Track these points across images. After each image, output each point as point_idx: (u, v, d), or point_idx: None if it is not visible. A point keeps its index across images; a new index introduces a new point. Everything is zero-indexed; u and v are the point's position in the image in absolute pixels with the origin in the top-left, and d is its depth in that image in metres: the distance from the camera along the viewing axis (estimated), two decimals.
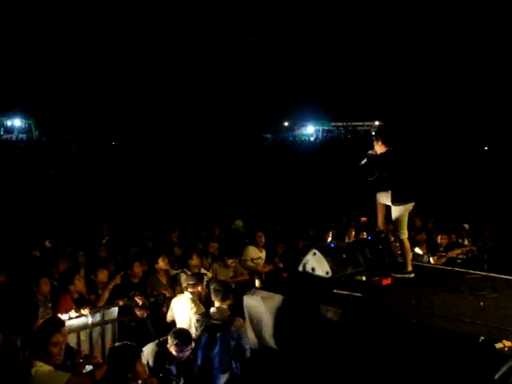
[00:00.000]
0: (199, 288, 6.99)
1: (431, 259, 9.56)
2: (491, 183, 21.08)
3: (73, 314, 6.35)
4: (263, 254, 9.70)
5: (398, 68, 34.36)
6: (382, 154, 7.13)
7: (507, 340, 4.57)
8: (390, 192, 7.16)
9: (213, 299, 6.16)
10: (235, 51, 27.13)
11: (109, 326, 6.76)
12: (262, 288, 6.94)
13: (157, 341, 5.88)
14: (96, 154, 30.06)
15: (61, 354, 4.68)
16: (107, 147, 32.17)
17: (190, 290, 6.89)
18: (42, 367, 4.46)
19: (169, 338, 5.67)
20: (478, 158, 26.89)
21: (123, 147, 31.95)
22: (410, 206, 7.26)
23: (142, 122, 33.80)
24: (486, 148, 28.72)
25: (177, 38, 31.86)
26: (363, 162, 7.29)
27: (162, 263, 7.86)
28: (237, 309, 6.69)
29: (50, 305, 6.70)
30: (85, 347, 6.27)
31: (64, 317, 6.08)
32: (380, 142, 7.16)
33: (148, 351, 5.70)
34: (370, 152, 7.25)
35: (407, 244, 7.35)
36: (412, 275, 7.19)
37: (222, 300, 6.08)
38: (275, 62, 29.94)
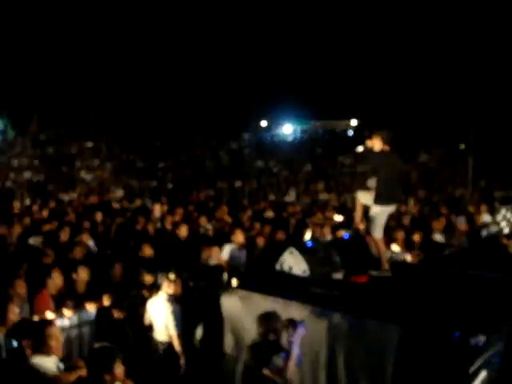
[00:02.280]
0: (174, 287, 6.96)
1: (408, 256, 9.63)
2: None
3: (52, 315, 6.30)
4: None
5: (376, 66, 34.51)
6: (380, 152, 7.15)
7: (482, 334, 4.64)
8: (373, 191, 7.19)
9: None
10: (210, 49, 27.07)
11: (86, 328, 6.71)
12: (240, 287, 6.93)
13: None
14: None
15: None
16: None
17: (165, 289, 6.87)
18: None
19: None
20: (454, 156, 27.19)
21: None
22: (392, 207, 7.32)
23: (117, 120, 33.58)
24: (463, 147, 28.99)
25: (152, 34, 31.69)
26: (359, 150, 7.31)
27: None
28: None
29: (27, 306, 6.64)
30: (62, 350, 6.21)
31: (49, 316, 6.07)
32: (380, 139, 7.17)
33: None
34: (367, 143, 7.27)
35: (382, 242, 7.41)
36: (389, 273, 7.24)
37: None
38: (251, 59, 29.92)
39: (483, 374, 3.85)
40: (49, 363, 4.59)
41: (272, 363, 4.82)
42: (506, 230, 9.16)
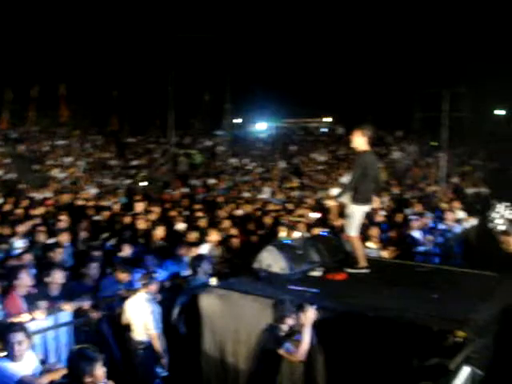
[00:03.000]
0: (152, 287, 6.90)
1: (384, 253, 9.71)
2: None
3: (26, 317, 6.19)
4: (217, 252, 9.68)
5: (348, 65, 34.73)
6: (363, 152, 7.15)
7: (460, 330, 4.69)
8: (351, 190, 7.16)
9: None
10: (184, 47, 26.92)
11: (63, 330, 6.60)
12: (219, 286, 6.91)
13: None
14: None
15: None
16: None
17: (144, 290, 6.80)
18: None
19: None
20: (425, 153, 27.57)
21: None
22: (368, 207, 7.35)
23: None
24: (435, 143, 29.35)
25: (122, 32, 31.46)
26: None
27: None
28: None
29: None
30: (39, 352, 6.11)
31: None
32: (364, 140, 7.17)
33: None
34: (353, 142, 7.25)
35: (358, 240, 7.45)
36: (366, 270, 7.28)
37: None
38: (225, 58, 29.87)
39: (466, 370, 3.89)
40: (19, 367, 4.52)
41: (287, 345, 5.17)
42: (502, 227, 9.26)
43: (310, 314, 5.29)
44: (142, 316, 6.58)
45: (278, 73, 35.78)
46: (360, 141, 7.17)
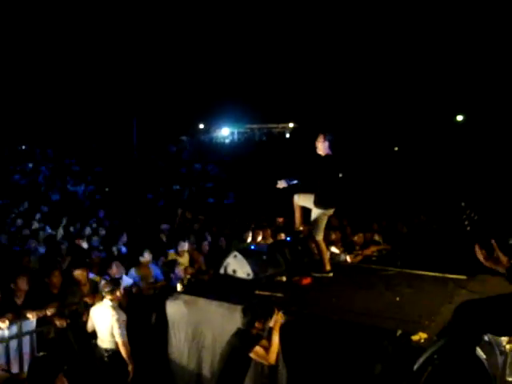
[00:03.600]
0: (117, 293, 6.84)
1: (348, 257, 9.82)
2: (401, 182, 21.87)
3: None
4: (184, 259, 9.68)
5: (312, 69, 35.00)
6: (325, 156, 7.22)
7: (423, 332, 4.79)
8: (313, 195, 7.26)
9: None
10: (149, 52, 26.78)
11: (26, 338, 6.50)
12: (184, 292, 6.89)
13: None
14: None
15: None
16: None
17: (109, 296, 6.73)
18: None
19: None
20: (389, 158, 27.85)
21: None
22: (331, 211, 7.43)
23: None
24: (396, 148, 29.78)
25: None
26: None
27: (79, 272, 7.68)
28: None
29: None
30: (1, 361, 6.01)
31: None
32: (327, 144, 7.24)
33: None
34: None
35: (323, 244, 7.53)
36: (331, 274, 7.37)
37: None
38: (189, 63, 29.81)
39: (428, 371, 3.98)
40: None
41: (257, 349, 5.24)
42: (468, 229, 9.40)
43: (278, 318, 5.36)
44: (107, 323, 6.52)
45: (243, 78, 35.89)
46: (323, 145, 7.26)
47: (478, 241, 3.72)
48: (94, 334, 6.76)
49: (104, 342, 6.59)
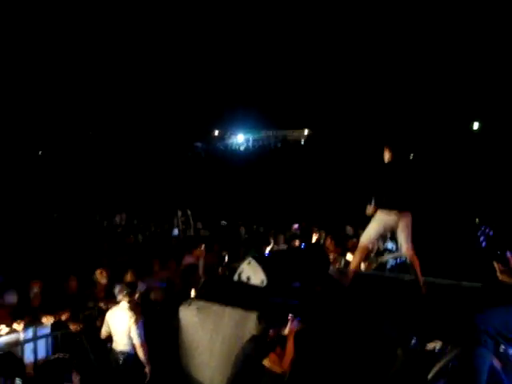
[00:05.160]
0: (135, 297, 6.92)
1: (362, 265, 9.76)
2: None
3: (4, 329, 6.14)
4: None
5: (327, 76, 34.98)
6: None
7: (438, 340, 4.76)
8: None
9: None
10: (162, 58, 26.87)
11: (42, 342, 6.55)
12: (198, 297, 6.91)
13: None
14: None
15: None
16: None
17: (126, 299, 6.79)
18: None
19: None
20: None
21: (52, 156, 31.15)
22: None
23: (70, 129, 32.81)
24: (411, 156, 29.60)
25: (106, 43, 31.25)
26: None
27: (99, 276, 7.77)
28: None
29: None
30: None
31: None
32: (389, 153, 6.94)
33: None
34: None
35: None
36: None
37: None
38: (203, 69, 29.91)
39: (442, 382, 3.96)
40: None
41: (271, 356, 5.26)
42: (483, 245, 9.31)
43: (292, 326, 5.36)
44: (124, 325, 6.57)
45: (258, 84, 35.93)
46: (386, 154, 7.06)
47: (494, 256, 3.71)
48: (108, 339, 6.80)
49: (120, 344, 6.64)
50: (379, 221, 6.79)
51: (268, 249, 10.74)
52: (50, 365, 4.51)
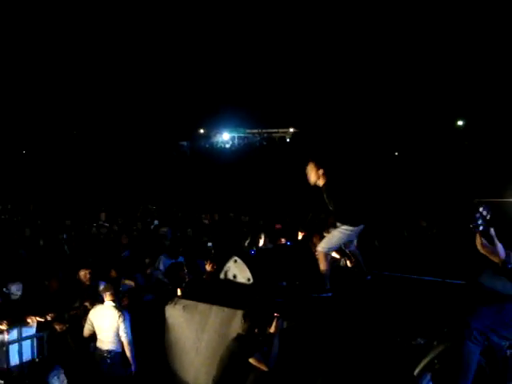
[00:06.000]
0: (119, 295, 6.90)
1: (348, 262, 9.75)
2: (401, 187, 21.83)
3: None
4: None
5: (312, 75, 35.08)
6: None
7: (423, 337, 4.77)
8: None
9: None
10: (148, 58, 26.80)
11: (27, 343, 6.49)
12: (184, 296, 6.87)
13: None
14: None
15: None
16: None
17: (111, 298, 6.75)
18: None
19: None
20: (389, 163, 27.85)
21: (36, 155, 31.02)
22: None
23: (55, 128, 32.60)
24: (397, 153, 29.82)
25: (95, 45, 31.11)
26: None
27: (83, 276, 7.72)
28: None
29: None
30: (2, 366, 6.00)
31: None
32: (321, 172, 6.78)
33: None
34: None
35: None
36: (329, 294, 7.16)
37: None
38: (190, 69, 29.87)
39: (428, 377, 3.97)
40: None
41: (256, 355, 5.23)
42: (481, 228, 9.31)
43: (278, 324, 5.36)
44: (113, 323, 6.54)
45: (244, 83, 35.95)
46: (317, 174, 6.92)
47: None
48: (91, 338, 6.76)
49: (105, 343, 6.60)
50: (343, 233, 6.70)
51: (261, 243, 10.70)
52: (35, 367, 4.50)
